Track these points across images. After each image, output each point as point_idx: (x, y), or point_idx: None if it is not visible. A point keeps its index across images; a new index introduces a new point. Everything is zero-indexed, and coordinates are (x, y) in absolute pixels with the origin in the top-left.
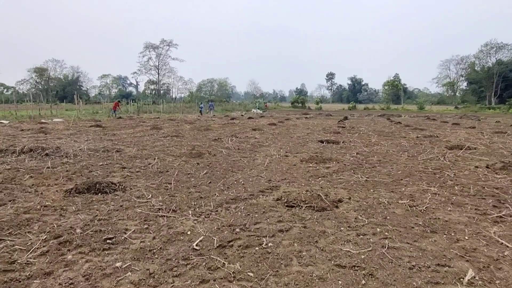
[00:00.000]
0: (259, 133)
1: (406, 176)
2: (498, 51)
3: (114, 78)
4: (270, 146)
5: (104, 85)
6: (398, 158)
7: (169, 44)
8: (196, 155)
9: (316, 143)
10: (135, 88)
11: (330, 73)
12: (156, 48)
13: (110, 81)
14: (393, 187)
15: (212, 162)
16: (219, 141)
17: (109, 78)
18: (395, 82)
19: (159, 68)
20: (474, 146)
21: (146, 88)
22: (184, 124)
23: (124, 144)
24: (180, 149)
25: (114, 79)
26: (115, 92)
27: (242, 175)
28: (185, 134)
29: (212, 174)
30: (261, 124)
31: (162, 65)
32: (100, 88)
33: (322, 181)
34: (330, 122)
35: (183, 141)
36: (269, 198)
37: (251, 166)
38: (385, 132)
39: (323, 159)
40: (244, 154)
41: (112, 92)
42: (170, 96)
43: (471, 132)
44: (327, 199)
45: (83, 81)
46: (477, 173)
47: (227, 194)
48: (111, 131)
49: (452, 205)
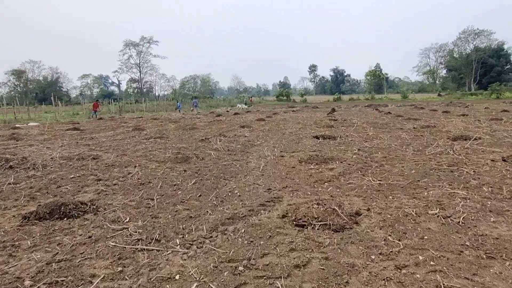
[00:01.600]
0: (248, 130)
1: (422, 176)
2: (475, 37)
3: (95, 78)
4: (262, 145)
5: (85, 85)
6: (404, 153)
7: (150, 41)
8: (182, 159)
9: (311, 139)
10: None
11: (312, 65)
12: (137, 46)
13: (91, 81)
14: (413, 191)
15: (201, 168)
16: (207, 141)
17: (89, 78)
18: (376, 72)
19: (141, 66)
20: (478, 136)
21: (128, 86)
22: (169, 124)
23: (102, 149)
24: (164, 153)
25: (95, 78)
26: (97, 92)
27: (237, 184)
28: (169, 134)
29: (202, 184)
30: (249, 120)
31: (143, 63)
32: (81, 89)
33: (330, 187)
34: (319, 115)
35: (167, 143)
36: (273, 214)
37: (245, 171)
38: (379, 123)
39: (324, 159)
40: (235, 157)
41: (94, 92)
42: (153, 94)
43: (467, 120)
44: (343, 213)
45: (63, 82)
46: (497, 169)
47: (221, 210)
48: (89, 134)
49: (491, 214)
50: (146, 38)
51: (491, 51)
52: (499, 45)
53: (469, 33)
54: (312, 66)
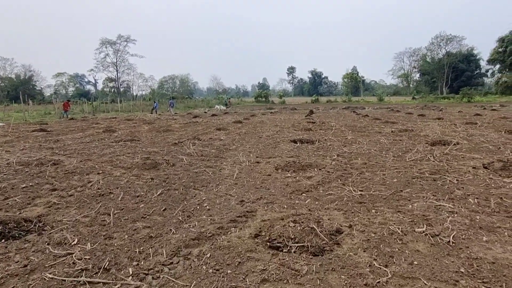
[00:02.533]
0: (224, 133)
1: (404, 185)
2: (448, 43)
3: (71, 77)
4: (238, 149)
5: (59, 84)
6: (384, 159)
7: (127, 40)
8: (151, 166)
9: (288, 144)
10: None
11: (291, 67)
12: (113, 44)
13: (67, 80)
14: (396, 204)
15: (170, 176)
16: (180, 145)
17: (64, 76)
18: (353, 74)
19: (118, 65)
20: (455, 141)
21: (105, 86)
22: (142, 125)
23: (66, 153)
24: (132, 158)
25: (70, 77)
26: (72, 91)
27: (207, 195)
28: (141, 137)
29: (169, 195)
30: (226, 122)
31: (120, 62)
32: (56, 87)
33: (308, 199)
34: (297, 117)
35: (138, 146)
36: (244, 233)
37: (218, 180)
38: (358, 127)
39: (302, 166)
40: (208, 163)
41: (69, 91)
42: (131, 93)
43: (443, 124)
44: (323, 231)
45: (37, 81)
46: (480, 177)
47: (187, 228)
48: (55, 136)
49: (482, 231)
50: (124, 36)
51: (461, 56)
52: (469, 50)
53: (441, 38)
54: (290, 68)
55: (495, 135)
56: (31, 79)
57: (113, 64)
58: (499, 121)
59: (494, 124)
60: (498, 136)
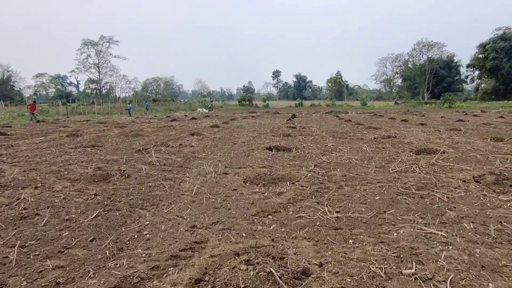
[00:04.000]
0: (197, 138)
1: (388, 204)
2: (429, 49)
3: (52, 78)
4: (207, 157)
5: (40, 84)
6: (366, 170)
7: (109, 41)
8: (101, 177)
9: (263, 151)
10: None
11: (276, 70)
12: (96, 45)
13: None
14: (379, 230)
15: (118, 191)
16: (144, 152)
17: (45, 77)
18: (337, 79)
19: (100, 66)
20: (441, 149)
21: (86, 87)
22: (113, 129)
23: (13, 161)
24: (85, 168)
25: (52, 78)
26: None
27: (153, 217)
28: (106, 142)
29: (106, 218)
30: (202, 127)
31: (102, 63)
32: (36, 88)
33: (273, 223)
34: (278, 121)
35: (97, 153)
36: (183, 276)
37: (173, 197)
38: (339, 132)
39: (273, 178)
40: (169, 174)
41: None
42: (114, 95)
43: (427, 131)
44: (284, 275)
45: (16, 81)
46: (472, 193)
47: (111, 268)
48: (13, 141)
49: (486, 273)
50: (106, 37)
51: (442, 63)
52: (449, 57)
53: (423, 44)
54: (276, 72)
55: (481, 143)
56: (10, 79)
57: (95, 65)
58: (483, 127)
59: (478, 130)
60: (485, 144)
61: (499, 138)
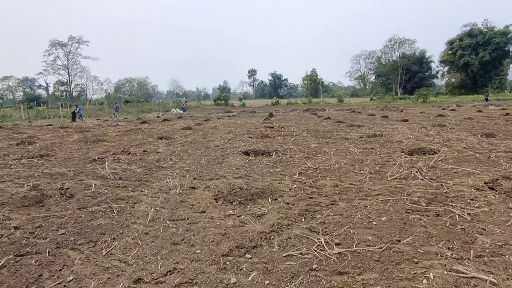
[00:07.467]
0: (165, 143)
1: (400, 228)
2: (401, 45)
3: (19, 80)
4: (174, 167)
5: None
6: (360, 178)
7: (79, 41)
8: (34, 200)
9: (239, 157)
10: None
11: (252, 69)
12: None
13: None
14: (399, 274)
15: (49, 220)
16: (99, 162)
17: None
18: (313, 76)
19: (69, 67)
20: (434, 148)
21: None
22: (73, 134)
23: None
24: (21, 186)
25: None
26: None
27: (83, 266)
28: (59, 151)
29: (15, 269)
30: (173, 129)
31: (72, 64)
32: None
33: (252, 271)
34: (255, 121)
35: (44, 165)
36: None
37: (120, 227)
38: (321, 131)
39: (251, 194)
40: (122, 192)
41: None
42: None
43: (412, 127)
44: None
45: None
46: (496, 206)
47: None
48: None
49: None
50: (75, 38)
51: (414, 59)
52: (421, 53)
53: (395, 41)
54: (251, 71)
55: (473, 140)
56: None
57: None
58: (466, 122)
59: (463, 126)
60: (478, 141)
61: (490, 134)
